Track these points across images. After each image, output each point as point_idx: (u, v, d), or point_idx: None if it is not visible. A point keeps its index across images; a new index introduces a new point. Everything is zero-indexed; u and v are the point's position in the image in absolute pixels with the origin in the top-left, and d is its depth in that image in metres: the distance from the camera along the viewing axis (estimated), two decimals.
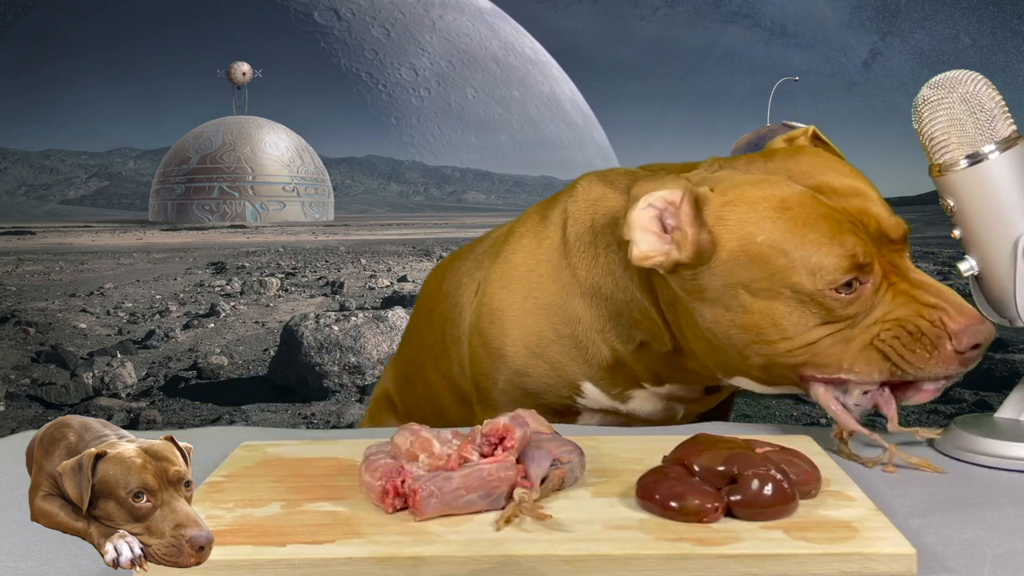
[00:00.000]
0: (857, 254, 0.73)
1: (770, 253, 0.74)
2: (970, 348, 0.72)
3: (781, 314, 0.75)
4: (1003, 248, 0.75)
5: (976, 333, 0.72)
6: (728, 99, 29.90)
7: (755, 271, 0.75)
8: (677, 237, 0.77)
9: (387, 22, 28.59)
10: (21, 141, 27.26)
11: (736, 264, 0.75)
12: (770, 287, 0.75)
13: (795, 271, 0.74)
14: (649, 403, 0.94)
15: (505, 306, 0.95)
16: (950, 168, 0.76)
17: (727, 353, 0.79)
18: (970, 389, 3.42)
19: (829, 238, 0.73)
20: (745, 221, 0.75)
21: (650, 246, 0.78)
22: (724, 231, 0.76)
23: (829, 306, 0.74)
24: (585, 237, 0.91)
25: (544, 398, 0.94)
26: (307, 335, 3.86)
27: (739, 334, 0.77)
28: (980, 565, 0.54)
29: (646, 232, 0.78)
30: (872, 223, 0.76)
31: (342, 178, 26.89)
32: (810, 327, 0.75)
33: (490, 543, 0.54)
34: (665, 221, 0.78)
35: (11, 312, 5.87)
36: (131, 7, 27.30)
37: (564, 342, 0.92)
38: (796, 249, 0.74)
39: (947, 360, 0.72)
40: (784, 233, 0.74)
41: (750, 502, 0.57)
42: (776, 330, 0.76)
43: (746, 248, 0.75)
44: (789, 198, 0.75)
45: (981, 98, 0.75)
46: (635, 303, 0.87)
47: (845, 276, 0.73)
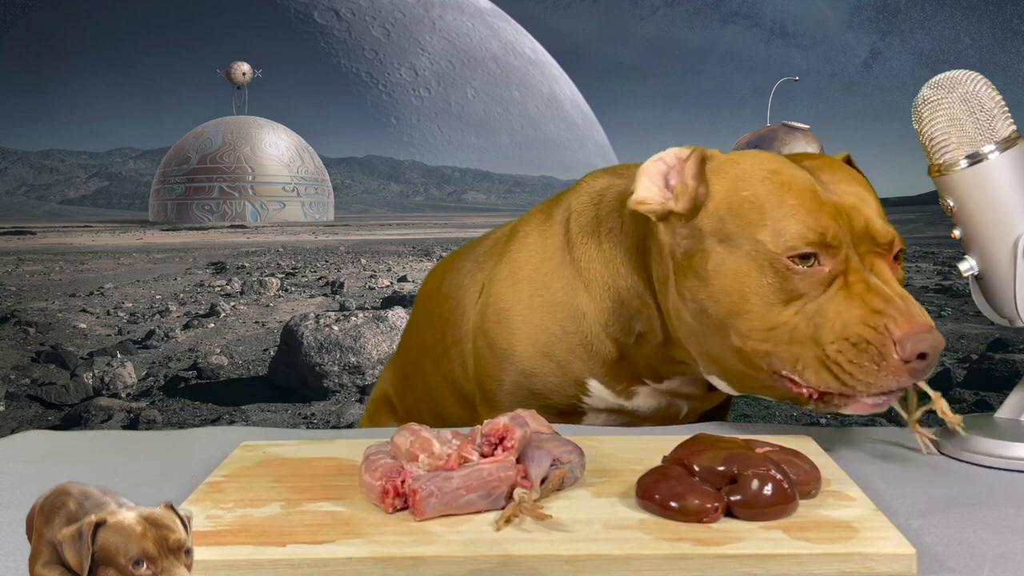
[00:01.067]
0: (826, 233, 0.74)
1: (749, 208, 0.76)
2: (915, 357, 0.70)
3: (744, 278, 0.76)
4: (1003, 248, 0.75)
5: (920, 341, 0.69)
6: (728, 99, 30.02)
7: (731, 223, 0.77)
8: (678, 190, 0.80)
9: (387, 22, 28.60)
10: (21, 141, 27.32)
11: (718, 214, 0.78)
12: (740, 243, 0.76)
13: (763, 228, 0.75)
14: (653, 399, 0.94)
15: (511, 305, 0.95)
16: (950, 168, 0.76)
17: (706, 335, 0.80)
18: (970, 389, 3.42)
19: (806, 210, 0.75)
20: (738, 176, 0.78)
21: (650, 193, 0.81)
22: (718, 183, 0.79)
23: (783, 275, 0.74)
24: (588, 228, 0.92)
25: (550, 399, 0.94)
26: (307, 335, 3.86)
27: (713, 307, 0.78)
28: (980, 565, 0.54)
29: (650, 182, 0.81)
30: (860, 220, 0.76)
31: (342, 178, 26.90)
32: (767, 301, 0.75)
33: (490, 543, 0.54)
34: (669, 180, 0.81)
35: (11, 312, 5.87)
36: (131, 7, 27.30)
37: (571, 339, 0.92)
38: (772, 209, 0.75)
39: (895, 371, 0.70)
40: (767, 193, 0.76)
41: (750, 502, 0.57)
42: (741, 300, 0.76)
43: (730, 200, 0.78)
44: (784, 170, 0.77)
45: (981, 98, 0.75)
46: (633, 290, 0.88)
47: (806, 247, 0.73)
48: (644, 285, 0.87)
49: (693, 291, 0.79)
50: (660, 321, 0.87)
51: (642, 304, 0.88)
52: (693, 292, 0.79)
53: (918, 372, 0.71)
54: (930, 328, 0.70)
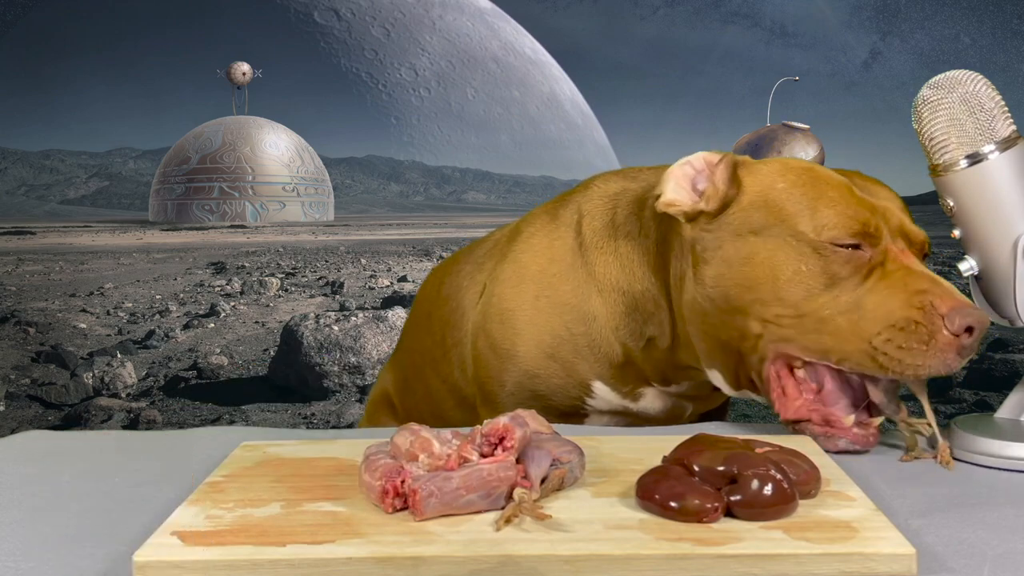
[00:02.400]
0: (868, 223, 0.75)
1: (786, 200, 0.77)
2: (964, 330, 0.71)
3: (781, 265, 0.76)
4: (1003, 248, 0.75)
5: (967, 314, 0.71)
6: (728, 99, 29.96)
7: (768, 215, 0.78)
8: (708, 192, 0.81)
9: (387, 22, 28.59)
10: (21, 141, 27.23)
11: (752, 208, 0.78)
12: (778, 233, 0.77)
13: (803, 220, 0.76)
14: (659, 401, 0.94)
15: (516, 306, 0.94)
16: (950, 168, 0.76)
17: (720, 320, 0.80)
18: (970, 389, 3.42)
19: (845, 203, 0.76)
20: (772, 173, 0.80)
21: (678, 196, 0.81)
22: (750, 179, 0.80)
23: (826, 259, 0.75)
24: (603, 232, 0.92)
25: (552, 400, 0.94)
26: (307, 335, 3.86)
27: (738, 293, 0.78)
28: (980, 565, 0.54)
29: (679, 185, 0.82)
30: (894, 218, 0.78)
31: (342, 178, 26.89)
32: (806, 287, 0.75)
33: (490, 543, 0.54)
34: (696, 184, 0.81)
35: (11, 312, 5.87)
36: (131, 7, 27.27)
37: (577, 341, 0.92)
38: (811, 201, 0.76)
39: (944, 348, 0.71)
40: (804, 186, 0.77)
41: (750, 502, 0.57)
42: (773, 287, 0.76)
43: (765, 193, 0.78)
44: (819, 169, 0.79)
45: (981, 98, 0.75)
46: (649, 294, 0.88)
47: (849, 237, 0.75)
48: (660, 287, 0.87)
49: (717, 278, 0.79)
50: (670, 325, 0.87)
51: (656, 307, 0.88)
52: (717, 279, 0.80)
53: (966, 349, 0.71)
54: (974, 306, 0.72)
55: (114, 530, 0.61)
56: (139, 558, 0.53)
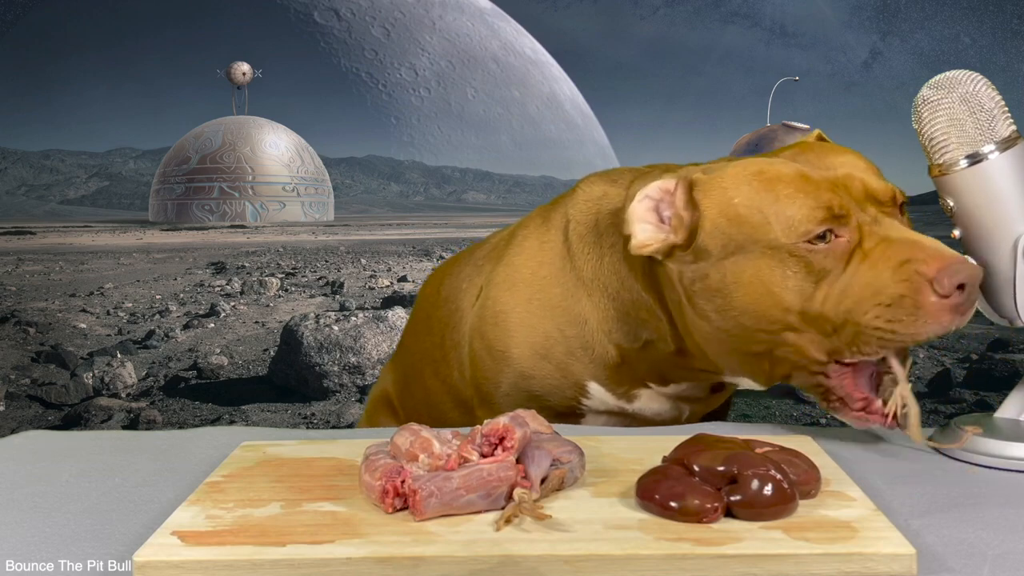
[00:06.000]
0: (832, 205, 0.74)
1: (746, 213, 0.76)
2: (955, 289, 0.69)
3: (767, 277, 0.75)
4: (1003, 248, 0.75)
5: (955, 272, 0.69)
6: (728, 99, 29.88)
7: (735, 233, 0.76)
8: (674, 223, 0.79)
9: (387, 22, 28.59)
10: (21, 141, 27.20)
11: (718, 231, 0.77)
12: (751, 249, 0.76)
13: (770, 227, 0.75)
14: (655, 402, 0.94)
15: (509, 308, 0.95)
16: (950, 168, 0.76)
17: (744, 344, 0.79)
18: (970, 389, 3.42)
19: (803, 193, 0.74)
20: (724, 189, 0.78)
21: (647, 235, 0.80)
22: (707, 201, 0.78)
23: (806, 259, 0.74)
24: (588, 238, 0.92)
25: (548, 400, 0.94)
26: (307, 335, 3.85)
27: (747, 318, 0.77)
28: (980, 565, 0.54)
29: (643, 223, 0.80)
30: (856, 185, 0.76)
31: (342, 178, 26.89)
32: (798, 290, 0.74)
33: (490, 543, 0.54)
34: (662, 212, 0.80)
35: (11, 312, 5.87)
36: (131, 7, 27.28)
37: (570, 343, 0.92)
38: (770, 205, 0.75)
39: (937, 312, 0.69)
40: (758, 192, 0.76)
41: (750, 502, 0.57)
42: (771, 300, 0.75)
43: (725, 212, 0.77)
44: (766, 167, 0.77)
45: (981, 98, 0.75)
46: (641, 302, 0.87)
47: (819, 226, 0.73)
48: (655, 301, 0.86)
49: (721, 310, 0.78)
50: (672, 333, 0.86)
51: (651, 316, 0.87)
52: (721, 311, 0.78)
53: (962, 307, 0.70)
54: (963, 259, 0.70)
55: (114, 530, 0.61)
56: (139, 558, 0.53)
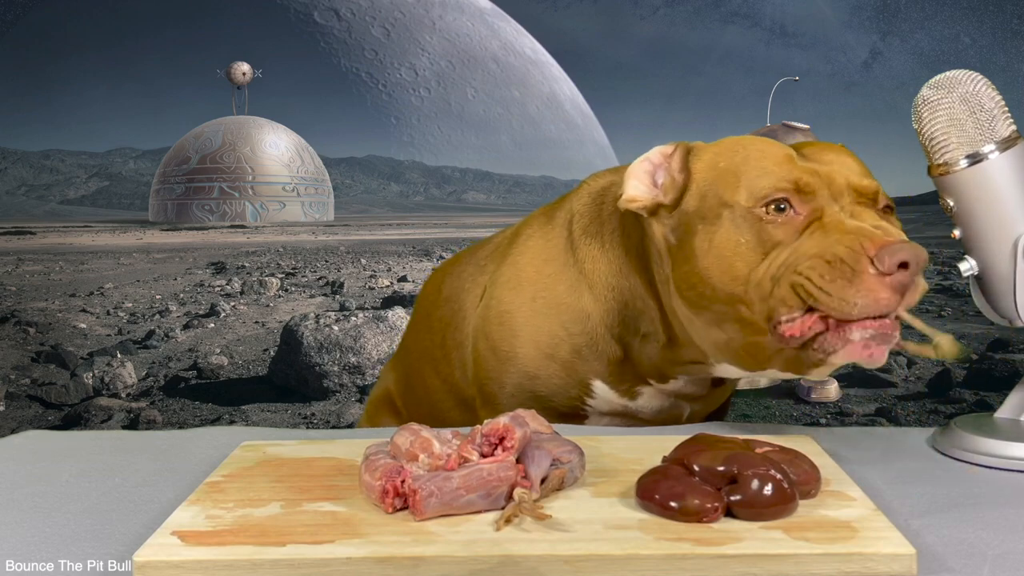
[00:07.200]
0: (799, 181, 0.74)
1: (726, 175, 0.78)
2: (896, 267, 0.68)
3: (723, 243, 0.76)
4: (1003, 248, 0.75)
5: (897, 251, 0.68)
6: (728, 99, 29.81)
7: (711, 198, 0.78)
8: (665, 183, 0.82)
9: (387, 22, 28.59)
10: (21, 141, 27.15)
11: (700, 192, 0.79)
12: (720, 212, 0.77)
13: (738, 190, 0.76)
14: (657, 400, 0.94)
15: (514, 308, 0.95)
16: (950, 168, 0.76)
17: (712, 319, 0.79)
18: (970, 389, 3.42)
19: (779, 166, 0.76)
20: (716, 154, 0.80)
21: (638, 191, 0.82)
22: (699, 165, 0.80)
23: (758, 227, 0.74)
24: (591, 230, 0.93)
25: (553, 401, 0.94)
26: (307, 335, 3.85)
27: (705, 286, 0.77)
28: (980, 565, 0.54)
29: (638, 181, 0.83)
30: (840, 177, 0.76)
31: (342, 178, 26.89)
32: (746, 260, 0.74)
33: (490, 543, 0.54)
34: (657, 178, 0.83)
35: (11, 312, 5.87)
36: (131, 7, 27.25)
37: (575, 340, 0.92)
38: (746, 172, 0.77)
39: (873, 287, 0.68)
40: (743, 160, 0.78)
41: (750, 502, 0.57)
42: (729, 267, 0.75)
43: (709, 175, 0.79)
44: (760, 142, 0.79)
45: (981, 98, 0.75)
46: (636, 290, 0.88)
47: (777, 192, 0.74)
48: (646, 287, 0.87)
49: (688, 278, 0.79)
50: (663, 322, 0.87)
51: (644, 306, 0.88)
52: (689, 280, 0.79)
53: (901, 285, 0.68)
54: (910, 243, 0.69)
55: (114, 530, 0.61)
56: (139, 558, 0.53)
